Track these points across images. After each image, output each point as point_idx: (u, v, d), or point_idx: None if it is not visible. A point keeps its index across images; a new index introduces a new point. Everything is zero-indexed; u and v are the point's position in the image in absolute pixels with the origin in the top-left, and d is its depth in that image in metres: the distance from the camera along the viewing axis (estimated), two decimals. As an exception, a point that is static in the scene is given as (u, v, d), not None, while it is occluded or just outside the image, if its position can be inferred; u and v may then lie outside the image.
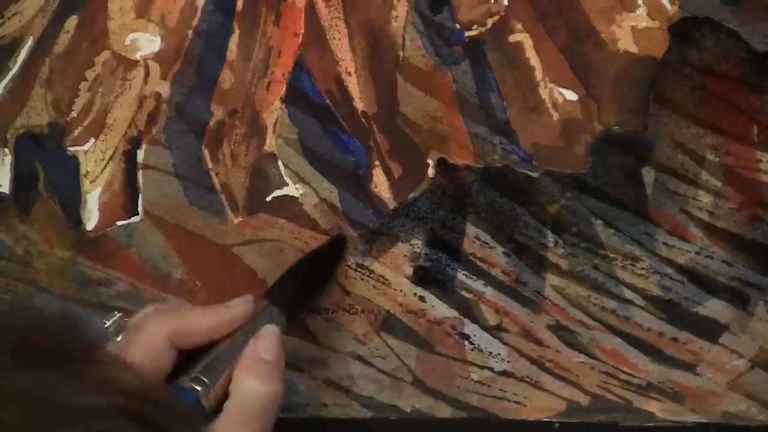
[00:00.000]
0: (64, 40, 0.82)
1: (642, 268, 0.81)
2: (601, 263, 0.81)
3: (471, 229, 0.81)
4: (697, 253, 0.80)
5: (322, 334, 0.84)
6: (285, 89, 0.80)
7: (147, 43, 0.81)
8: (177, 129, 0.82)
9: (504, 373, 0.84)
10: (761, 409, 0.83)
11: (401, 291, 0.83)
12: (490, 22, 0.77)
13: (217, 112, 0.81)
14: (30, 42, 0.83)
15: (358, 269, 0.83)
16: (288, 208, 0.82)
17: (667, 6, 0.74)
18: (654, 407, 0.84)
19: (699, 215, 0.79)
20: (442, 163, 0.79)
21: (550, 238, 0.80)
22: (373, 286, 0.83)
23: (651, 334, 0.82)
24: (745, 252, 0.80)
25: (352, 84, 0.79)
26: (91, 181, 0.83)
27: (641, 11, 0.74)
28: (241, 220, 0.82)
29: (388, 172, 0.79)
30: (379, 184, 0.80)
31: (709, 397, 0.83)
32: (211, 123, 0.81)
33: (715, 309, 0.81)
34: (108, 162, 0.83)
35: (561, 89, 0.76)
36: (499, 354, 0.84)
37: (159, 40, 0.81)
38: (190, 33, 0.81)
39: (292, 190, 0.81)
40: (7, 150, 0.84)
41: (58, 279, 0.86)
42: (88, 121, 0.83)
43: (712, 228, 0.79)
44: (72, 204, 0.84)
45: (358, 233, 0.81)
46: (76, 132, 0.83)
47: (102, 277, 0.85)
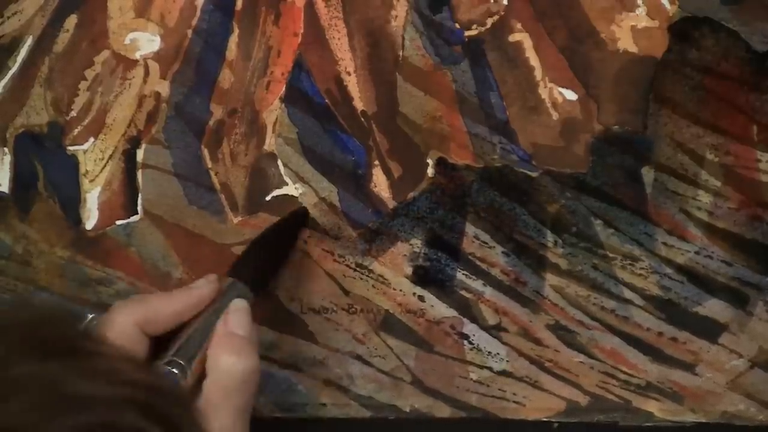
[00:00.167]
0: (64, 39, 0.82)
1: (641, 268, 0.81)
2: (600, 263, 0.81)
3: (470, 229, 0.81)
4: (696, 252, 0.80)
5: (321, 334, 0.84)
6: (284, 89, 0.80)
7: (146, 42, 0.81)
8: (176, 128, 0.82)
9: (503, 373, 0.84)
10: (760, 409, 0.83)
11: (400, 290, 0.83)
12: (489, 22, 0.77)
13: (217, 112, 0.81)
14: (30, 41, 0.83)
15: (358, 269, 0.83)
16: (287, 207, 0.82)
17: (667, 6, 0.74)
18: (653, 407, 0.84)
19: (698, 215, 0.79)
20: (441, 163, 0.79)
21: (550, 238, 0.80)
22: (373, 286, 0.83)
23: (650, 334, 0.82)
24: (745, 252, 0.80)
25: (352, 83, 0.79)
26: (91, 181, 0.83)
27: (641, 11, 0.74)
28: (240, 219, 0.82)
29: (387, 172, 0.79)
30: (379, 184, 0.80)
31: (709, 397, 0.83)
32: (211, 122, 0.81)
33: (714, 309, 0.81)
34: (107, 161, 0.83)
35: (561, 89, 0.76)
36: (498, 354, 0.84)
37: (158, 39, 0.81)
38: (190, 32, 0.81)
39: (292, 189, 0.81)
40: (6, 149, 0.84)
41: (58, 278, 0.86)
42: (87, 121, 0.82)
43: (711, 228, 0.79)
44: (71, 203, 0.84)
45: (357, 233, 0.81)
46: (76, 131, 0.83)
47: (101, 277, 0.85)
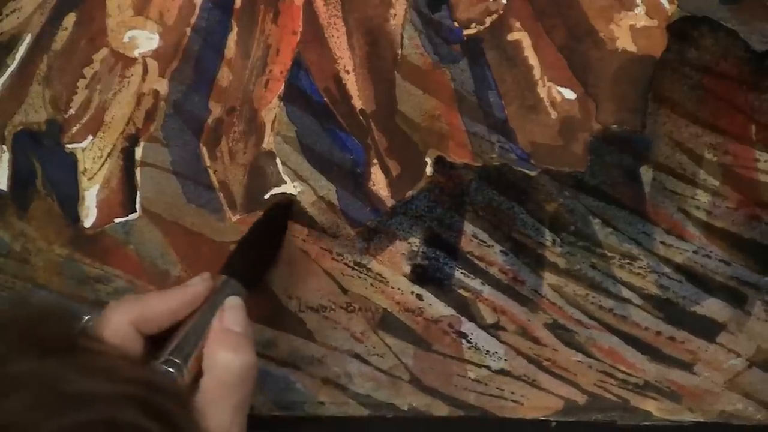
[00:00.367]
0: (63, 37, 0.82)
1: (640, 267, 0.81)
2: (598, 262, 0.81)
3: (469, 228, 0.81)
4: (694, 252, 0.80)
5: (320, 332, 0.84)
6: (283, 87, 0.80)
7: (145, 40, 0.81)
8: (175, 126, 0.82)
9: (501, 372, 0.84)
10: (758, 408, 0.83)
11: (399, 289, 0.83)
12: (488, 21, 0.77)
13: (216, 110, 0.81)
14: (28, 39, 0.83)
15: (356, 267, 0.83)
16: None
17: (666, 5, 0.74)
18: (651, 406, 0.84)
19: (697, 214, 0.79)
20: (440, 162, 0.79)
21: (548, 237, 0.81)
22: (371, 284, 0.83)
23: (648, 333, 0.82)
24: (743, 251, 0.80)
25: (351, 82, 0.79)
26: (89, 179, 0.83)
27: (640, 10, 0.74)
28: (239, 217, 0.82)
29: (386, 170, 0.79)
30: (377, 183, 0.80)
31: (707, 396, 0.83)
32: (209, 121, 0.81)
33: (712, 308, 0.81)
34: (106, 159, 0.83)
35: (559, 88, 0.76)
36: (496, 352, 0.84)
37: (157, 37, 0.81)
38: (189, 30, 0.81)
39: (290, 187, 0.81)
40: (5, 147, 0.84)
41: (56, 276, 0.86)
42: (86, 119, 0.83)
43: (710, 227, 0.80)
44: (70, 201, 0.84)
45: (356, 231, 0.81)
46: (74, 129, 0.83)
47: (100, 275, 0.85)
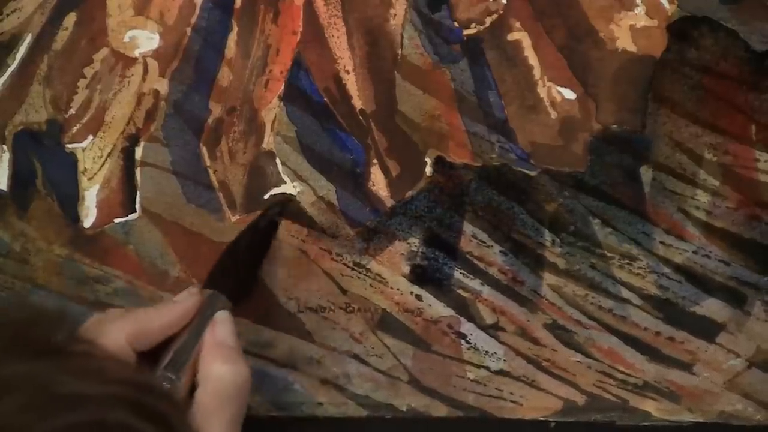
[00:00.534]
0: (63, 37, 0.82)
1: (639, 267, 0.81)
2: (598, 262, 0.81)
3: (468, 228, 0.81)
4: (694, 252, 0.80)
5: (318, 333, 0.84)
6: (283, 87, 0.80)
7: (146, 40, 0.81)
8: (175, 126, 0.82)
9: (500, 372, 0.84)
10: (758, 408, 0.83)
11: (398, 289, 0.83)
12: (488, 21, 0.77)
13: (216, 110, 0.81)
14: (29, 39, 0.83)
15: (355, 267, 0.83)
16: (285, 205, 0.82)
17: (666, 5, 0.74)
18: (650, 407, 0.84)
19: (697, 214, 0.79)
20: (440, 162, 0.79)
21: (548, 237, 0.81)
22: (370, 285, 0.83)
23: (648, 334, 0.82)
24: (743, 251, 0.80)
25: (351, 82, 0.79)
26: (89, 179, 0.83)
27: (640, 10, 0.75)
28: (238, 217, 0.82)
29: (386, 171, 0.79)
30: (377, 183, 0.80)
31: (706, 397, 0.83)
32: (210, 120, 0.81)
33: (712, 308, 0.81)
34: (106, 159, 0.83)
35: (559, 88, 0.76)
36: (495, 353, 0.84)
37: (158, 37, 0.81)
38: (189, 30, 0.81)
39: (290, 187, 0.81)
40: (5, 147, 0.84)
41: (56, 276, 0.86)
42: (86, 119, 0.83)
43: (709, 227, 0.80)
44: (70, 201, 0.84)
45: (355, 231, 0.81)
46: (75, 129, 0.83)
47: (99, 275, 0.85)
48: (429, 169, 0.79)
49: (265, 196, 0.81)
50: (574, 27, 0.76)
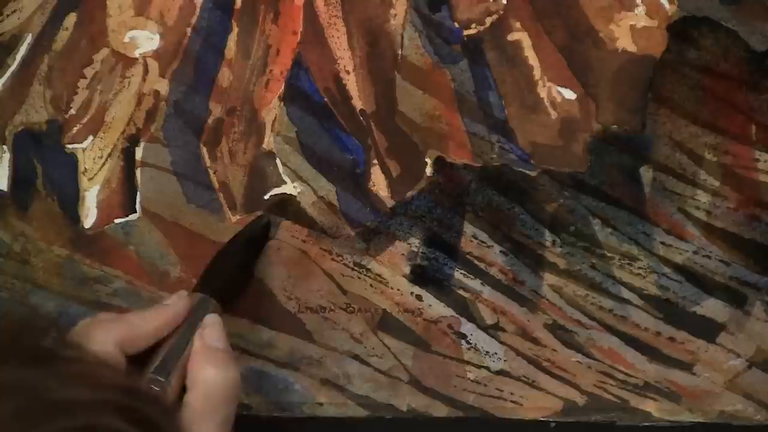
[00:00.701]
0: (63, 37, 0.82)
1: (639, 268, 0.81)
2: (598, 262, 0.81)
3: (468, 228, 0.81)
4: (694, 252, 0.80)
5: (319, 333, 0.84)
6: (283, 87, 0.80)
7: (146, 40, 0.81)
8: (175, 127, 0.82)
9: (501, 373, 0.84)
10: (758, 408, 0.83)
11: (398, 290, 0.83)
12: (488, 21, 0.77)
13: (216, 110, 0.81)
14: (29, 39, 0.83)
15: (356, 268, 0.83)
16: (286, 206, 0.82)
17: (666, 5, 0.74)
18: (651, 407, 0.84)
19: (697, 214, 0.79)
20: (440, 162, 0.79)
21: (548, 237, 0.80)
22: (371, 285, 0.83)
23: (648, 334, 0.82)
24: (743, 251, 0.80)
25: (351, 82, 0.79)
26: (90, 179, 0.83)
27: (640, 10, 0.74)
28: (239, 218, 0.82)
29: (386, 171, 0.79)
30: (377, 183, 0.80)
31: (706, 397, 0.83)
32: (210, 121, 0.81)
33: (712, 308, 0.81)
34: (106, 159, 0.83)
35: (559, 88, 0.76)
36: (495, 353, 0.84)
37: (158, 37, 0.81)
38: (189, 31, 0.81)
39: (290, 188, 0.81)
40: (5, 147, 0.84)
41: (56, 277, 0.86)
42: (86, 119, 0.83)
43: (709, 227, 0.80)
44: (70, 201, 0.84)
45: (355, 232, 0.81)
46: (75, 129, 0.83)
47: (99, 275, 0.85)
48: (429, 170, 0.79)
49: (266, 197, 0.81)
50: (574, 27, 0.76)
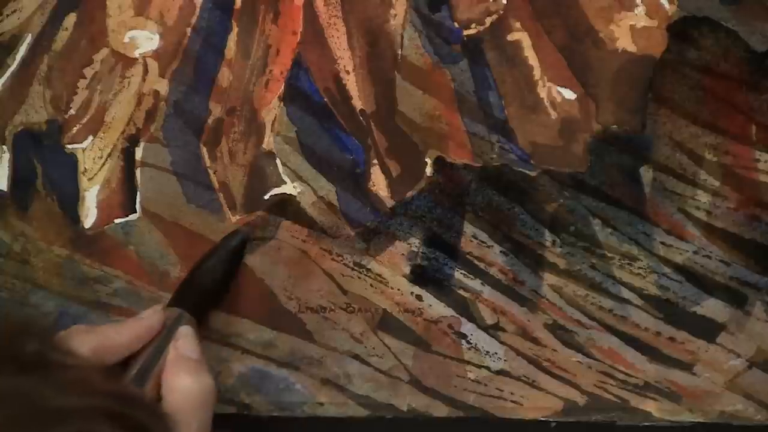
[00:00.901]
0: (63, 37, 0.82)
1: (639, 268, 0.81)
2: (598, 262, 0.81)
3: (469, 228, 0.81)
4: (694, 252, 0.80)
5: (319, 333, 0.84)
6: (283, 87, 0.80)
7: (146, 40, 0.81)
8: (175, 127, 0.82)
9: (501, 372, 0.84)
10: (758, 408, 0.83)
11: (398, 290, 0.83)
12: (488, 21, 0.77)
13: (216, 110, 0.81)
14: (29, 39, 0.83)
15: (356, 268, 0.83)
16: (286, 206, 0.82)
17: (666, 5, 0.74)
18: (651, 407, 0.84)
19: (697, 215, 0.79)
20: (440, 162, 0.79)
21: (548, 237, 0.80)
22: (371, 285, 0.83)
23: (648, 334, 0.82)
24: (743, 251, 0.80)
25: (351, 82, 0.79)
26: (89, 179, 0.83)
27: (640, 10, 0.75)
28: (238, 218, 0.82)
29: (386, 171, 0.79)
30: (377, 183, 0.80)
31: (707, 397, 0.83)
32: (210, 121, 0.81)
33: (712, 308, 0.81)
34: (106, 159, 0.83)
35: (559, 88, 0.76)
36: (496, 353, 0.84)
37: (158, 37, 0.81)
38: (189, 31, 0.81)
39: (290, 188, 0.81)
40: (5, 147, 0.84)
41: (56, 277, 0.86)
42: (86, 119, 0.83)
43: (710, 227, 0.80)
44: (70, 201, 0.84)
45: (355, 232, 0.81)
46: (75, 129, 0.83)
47: (99, 275, 0.85)
48: (429, 170, 0.79)
49: (266, 197, 0.81)
50: (574, 27, 0.76)
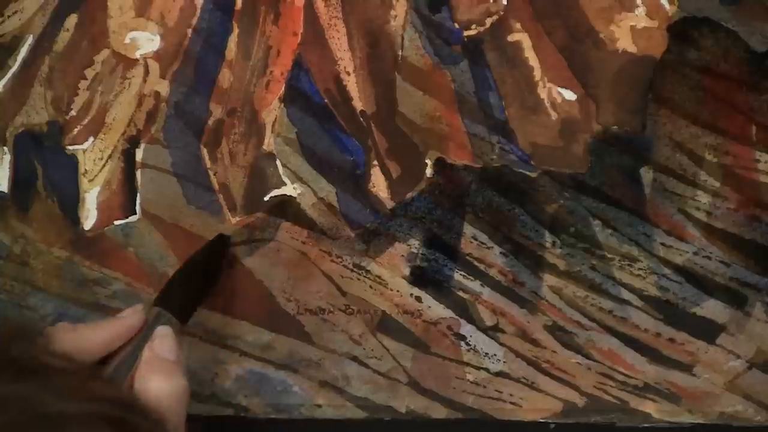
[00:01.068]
0: (64, 38, 0.82)
1: (639, 269, 0.81)
2: (598, 263, 0.81)
3: (468, 229, 0.81)
4: (694, 253, 0.80)
5: (318, 335, 0.84)
6: (284, 88, 0.80)
7: (146, 41, 0.81)
8: (176, 128, 0.82)
9: (500, 374, 0.84)
10: (758, 409, 0.83)
11: (398, 291, 0.83)
12: (488, 22, 0.77)
13: (216, 111, 0.81)
14: (30, 40, 0.83)
15: (355, 269, 0.83)
16: (286, 207, 0.82)
17: (666, 6, 0.74)
18: (650, 408, 0.84)
19: (697, 215, 0.79)
20: (440, 163, 0.79)
21: (548, 239, 0.80)
22: (370, 287, 0.83)
23: (648, 335, 0.82)
24: (743, 252, 0.80)
25: (351, 83, 0.79)
26: (90, 180, 0.83)
27: (640, 11, 0.75)
28: (239, 219, 0.82)
29: (386, 172, 0.79)
30: (378, 184, 0.80)
31: (706, 398, 0.83)
32: (210, 122, 0.81)
33: (712, 309, 0.81)
34: (107, 161, 0.83)
35: (559, 89, 0.76)
36: (495, 355, 0.84)
37: (158, 38, 0.81)
38: (190, 32, 0.81)
39: (290, 189, 0.81)
40: (6, 148, 0.84)
41: (56, 279, 0.86)
42: (87, 120, 0.83)
43: (710, 228, 0.80)
44: (70, 203, 0.84)
45: (355, 233, 0.81)
46: (75, 131, 0.83)
47: (99, 277, 0.85)
48: (429, 171, 0.79)
49: (266, 198, 0.81)
50: (575, 28, 0.76)
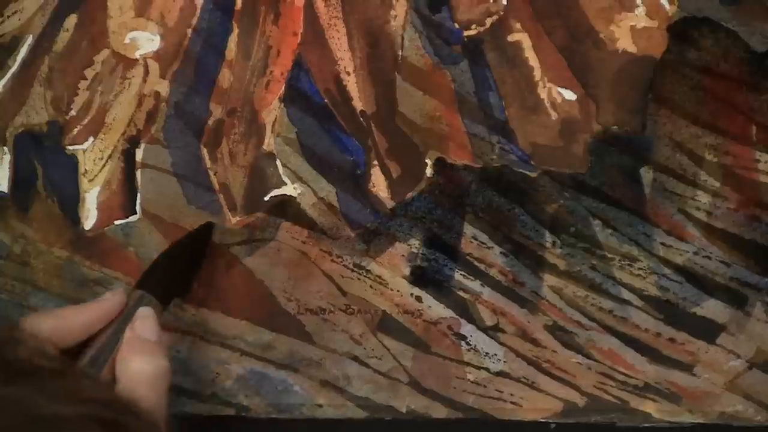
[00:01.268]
0: (64, 38, 0.82)
1: (640, 269, 0.81)
2: (598, 263, 0.81)
3: (469, 229, 0.81)
4: (695, 253, 0.80)
5: (318, 334, 0.84)
6: (284, 88, 0.80)
7: (146, 41, 0.81)
8: (176, 128, 0.82)
9: (500, 374, 0.84)
10: (758, 409, 0.83)
11: (398, 291, 0.83)
12: (488, 22, 0.77)
13: (216, 111, 0.81)
14: (30, 40, 0.83)
15: (356, 269, 0.83)
16: (286, 207, 0.82)
17: (666, 6, 0.74)
18: (651, 408, 0.84)
19: (697, 215, 0.79)
20: (440, 163, 0.79)
21: (548, 238, 0.80)
22: (370, 286, 0.83)
23: (648, 335, 0.82)
24: (743, 252, 0.80)
25: (351, 83, 0.79)
26: (90, 180, 0.83)
27: (640, 11, 0.74)
28: (239, 219, 0.82)
29: (386, 172, 0.79)
30: (378, 184, 0.80)
31: (706, 398, 0.83)
32: (210, 122, 0.81)
33: (712, 309, 0.81)
34: (107, 161, 0.83)
35: (559, 89, 0.76)
36: (495, 354, 0.84)
37: (158, 38, 0.81)
38: (190, 32, 0.81)
39: (291, 189, 0.81)
40: (6, 149, 0.84)
41: (56, 278, 0.85)
42: (87, 120, 0.82)
43: (710, 228, 0.80)
44: (70, 203, 0.84)
45: (355, 233, 0.81)
46: (75, 131, 0.83)
47: (99, 277, 0.85)
48: (429, 171, 0.79)
49: (266, 198, 0.81)
50: (575, 28, 0.76)
